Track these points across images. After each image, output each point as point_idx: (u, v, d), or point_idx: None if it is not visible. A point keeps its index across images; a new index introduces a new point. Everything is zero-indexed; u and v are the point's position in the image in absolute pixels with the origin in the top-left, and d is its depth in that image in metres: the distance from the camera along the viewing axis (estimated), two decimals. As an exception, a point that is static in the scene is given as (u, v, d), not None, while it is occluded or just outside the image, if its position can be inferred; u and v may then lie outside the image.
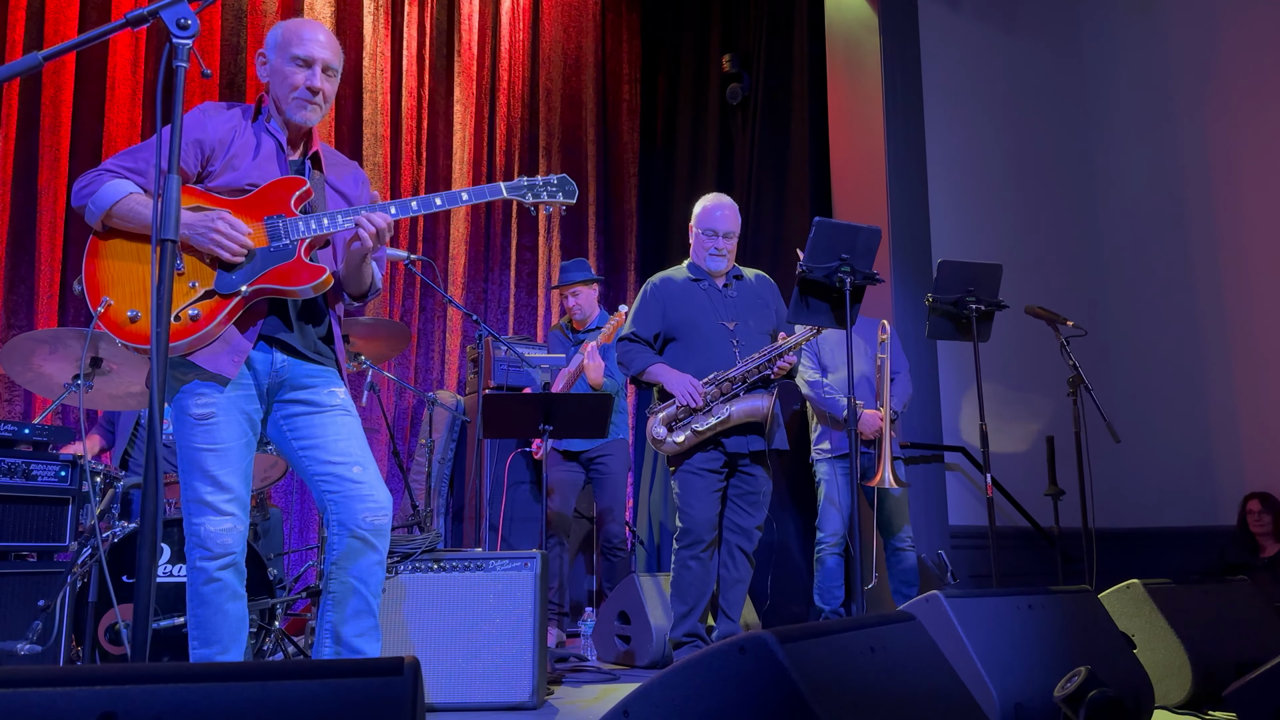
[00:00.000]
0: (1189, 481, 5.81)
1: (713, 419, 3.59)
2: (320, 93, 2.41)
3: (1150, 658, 2.79)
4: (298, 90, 2.39)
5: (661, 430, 3.66)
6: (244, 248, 2.27)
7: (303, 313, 2.43)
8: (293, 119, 2.42)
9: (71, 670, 1.04)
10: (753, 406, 3.61)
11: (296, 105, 2.40)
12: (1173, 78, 6.14)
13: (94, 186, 2.29)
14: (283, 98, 2.41)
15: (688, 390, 3.60)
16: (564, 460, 4.82)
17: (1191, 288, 5.94)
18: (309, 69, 2.39)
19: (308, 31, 2.43)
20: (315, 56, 2.40)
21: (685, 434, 3.61)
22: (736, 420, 3.61)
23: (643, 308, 3.85)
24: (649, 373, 3.73)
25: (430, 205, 2.42)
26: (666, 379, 3.67)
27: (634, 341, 3.80)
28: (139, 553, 1.66)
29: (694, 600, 3.64)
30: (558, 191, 2.52)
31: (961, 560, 5.11)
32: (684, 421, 3.63)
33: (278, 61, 2.41)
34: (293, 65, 2.39)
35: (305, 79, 2.39)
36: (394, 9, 6.32)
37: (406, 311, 6.10)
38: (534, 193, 2.51)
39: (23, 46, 4.91)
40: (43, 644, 2.87)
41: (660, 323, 3.80)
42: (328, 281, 2.35)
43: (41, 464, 3.11)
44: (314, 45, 2.40)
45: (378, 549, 2.37)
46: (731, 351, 3.72)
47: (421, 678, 1.09)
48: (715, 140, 6.86)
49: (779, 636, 1.30)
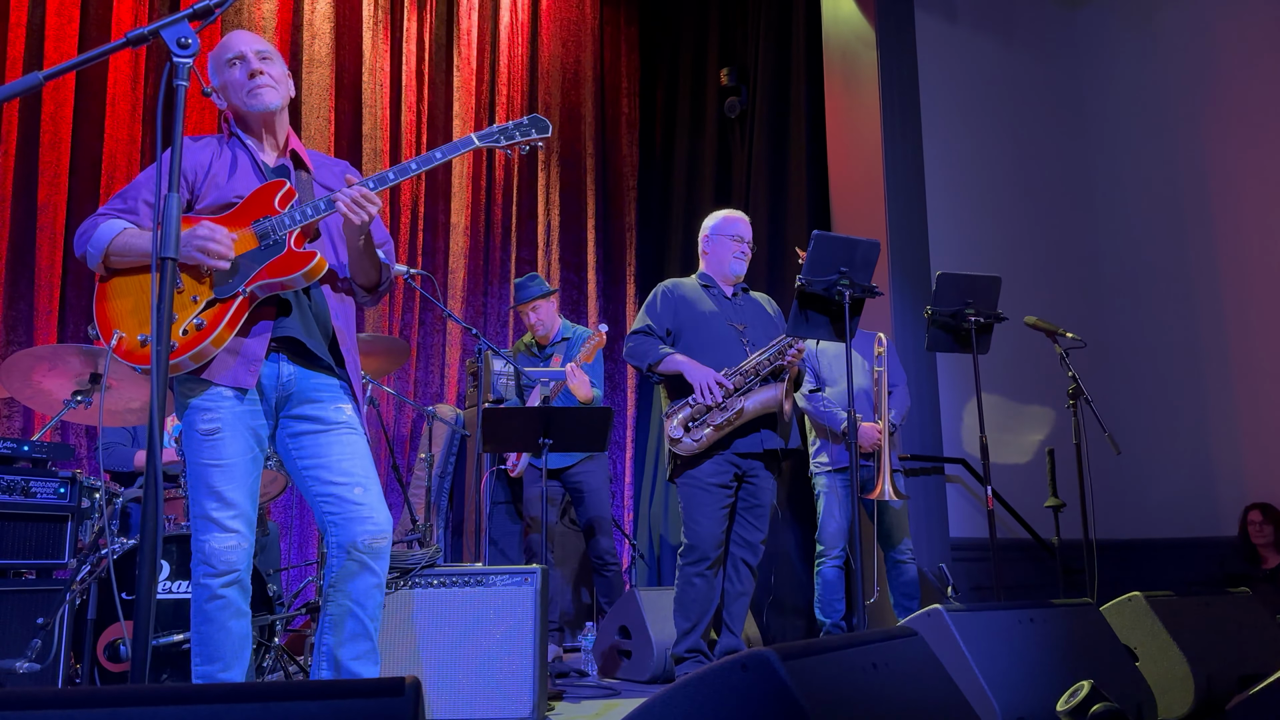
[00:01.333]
0: (1190, 493, 5.80)
1: (728, 413, 3.57)
2: (261, 74, 2.47)
3: (1153, 670, 2.78)
4: (244, 84, 2.47)
5: (679, 431, 3.62)
6: (223, 245, 2.29)
7: (311, 313, 2.45)
8: (254, 109, 2.48)
9: (71, 692, 1.03)
10: (766, 397, 3.60)
11: (251, 96, 2.47)
12: (1170, 89, 6.16)
13: (90, 231, 2.35)
14: (240, 101, 2.48)
15: (708, 383, 3.57)
16: (541, 476, 4.80)
17: (1191, 298, 5.95)
18: (243, 61, 2.47)
19: (228, 38, 2.53)
20: (242, 49, 2.48)
21: (705, 431, 3.59)
22: (751, 413, 3.59)
23: (653, 305, 3.86)
24: (667, 362, 3.68)
25: (406, 171, 2.46)
26: (687, 368, 3.63)
27: (647, 335, 3.78)
28: (139, 569, 1.65)
29: (697, 616, 3.62)
30: (530, 129, 2.56)
31: (962, 572, 5.10)
32: (701, 419, 3.61)
33: (221, 78, 2.50)
34: (230, 70, 2.48)
35: (243, 70, 2.47)
36: (393, 24, 6.34)
37: (406, 326, 6.10)
38: (506, 135, 2.55)
39: (23, 63, 4.92)
40: (41, 662, 2.86)
41: (672, 319, 3.80)
42: (321, 265, 2.37)
43: (40, 481, 3.11)
44: (237, 42, 2.49)
45: (376, 572, 2.37)
46: (743, 350, 3.74)
47: (423, 698, 1.09)
48: (713, 153, 6.88)
49: (781, 654, 1.30)
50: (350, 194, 2.36)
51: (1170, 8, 6.20)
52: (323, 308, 2.49)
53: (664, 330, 3.80)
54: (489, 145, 2.52)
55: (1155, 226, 6.17)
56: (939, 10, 6.08)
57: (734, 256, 3.88)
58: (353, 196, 2.36)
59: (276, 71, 2.50)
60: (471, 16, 6.70)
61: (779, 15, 6.45)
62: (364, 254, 2.50)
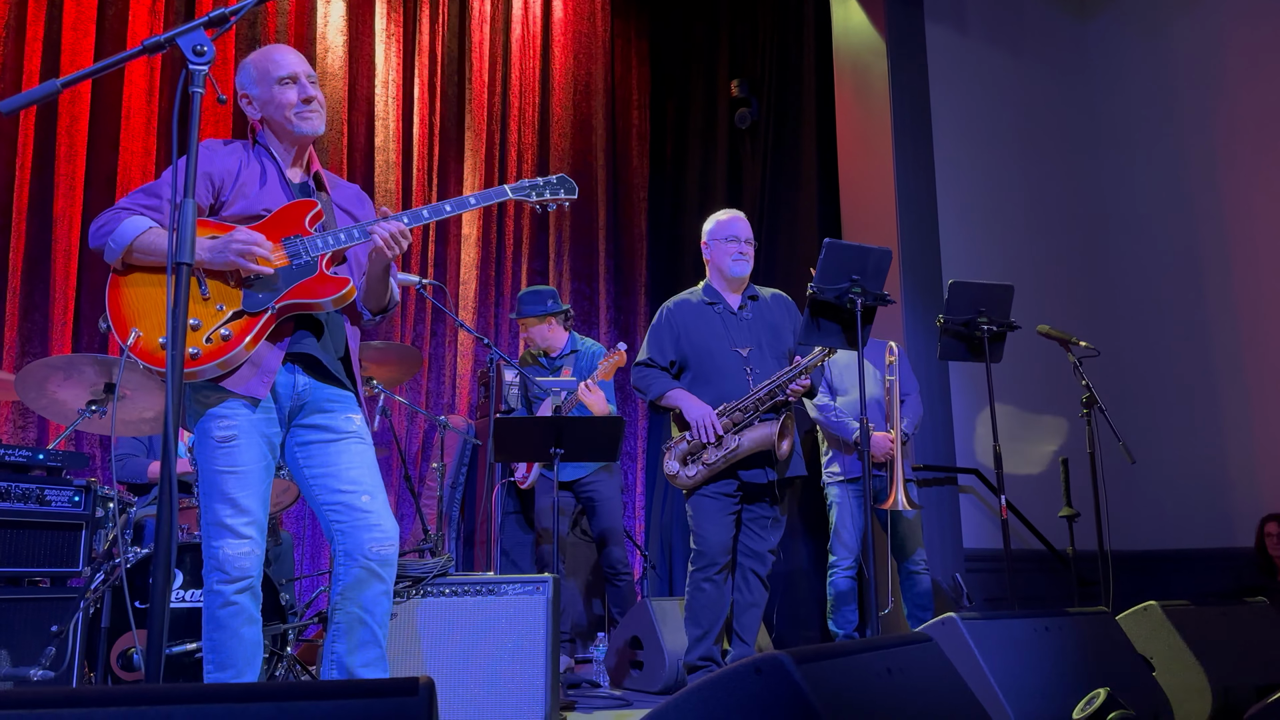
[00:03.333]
0: (1205, 503, 5.76)
1: (722, 451, 3.58)
2: (314, 100, 2.51)
3: (1169, 680, 2.76)
4: (295, 106, 2.49)
5: (675, 465, 3.66)
6: (264, 249, 2.31)
7: (329, 331, 2.48)
8: (301, 132, 2.51)
9: (88, 691, 1.04)
10: (761, 435, 3.58)
11: (301, 119, 2.50)
12: (1182, 99, 6.15)
13: (112, 225, 2.33)
14: (284, 119, 2.50)
15: (704, 423, 3.58)
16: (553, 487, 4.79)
17: (1204, 306, 5.92)
18: (296, 84, 2.49)
19: (278, 54, 2.53)
20: (297, 70, 2.50)
21: (697, 469, 3.61)
22: (746, 451, 3.58)
23: (656, 334, 3.85)
24: (668, 397, 3.72)
25: (440, 212, 2.52)
26: (686, 404, 3.65)
27: (650, 367, 3.80)
28: (153, 577, 1.66)
29: (708, 624, 3.61)
30: (559, 188, 2.65)
31: (976, 583, 5.07)
32: (696, 455, 3.62)
33: (264, 92, 2.50)
34: (281, 88, 2.49)
35: (298, 93, 2.49)
36: (406, 37, 6.38)
37: (418, 336, 6.12)
38: (537, 192, 2.63)
39: (39, 76, 4.97)
40: (56, 669, 2.87)
41: (675, 349, 3.80)
42: (351, 293, 2.40)
43: (55, 489, 3.12)
44: (291, 62, 2.51)
45: (384, 579, 2.38)
46: (745, 380, 3.71)
47: (436, 699, 1.08)
48: (724, 165, 6.89)
49: (795, 657, 1.29)
50: (389, 228, 2.41)
51: (1181, 18, 6.19)
52: (339, 327, 2.53)
53: (668, 361, 3.80)
54: (520, 198, 2.60)
55: (1168, 235, 6.14)
56: (949, 21, 6.09)
57: (732, 259, 3.84)
58: (390, 231, 2.40)
59: (320, 95, 2.55)
60: (484, 29, 6.74)
61: (789, 27, 6.47)
62: (380, 281, 2.56)
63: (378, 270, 2.52)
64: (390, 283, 2.61)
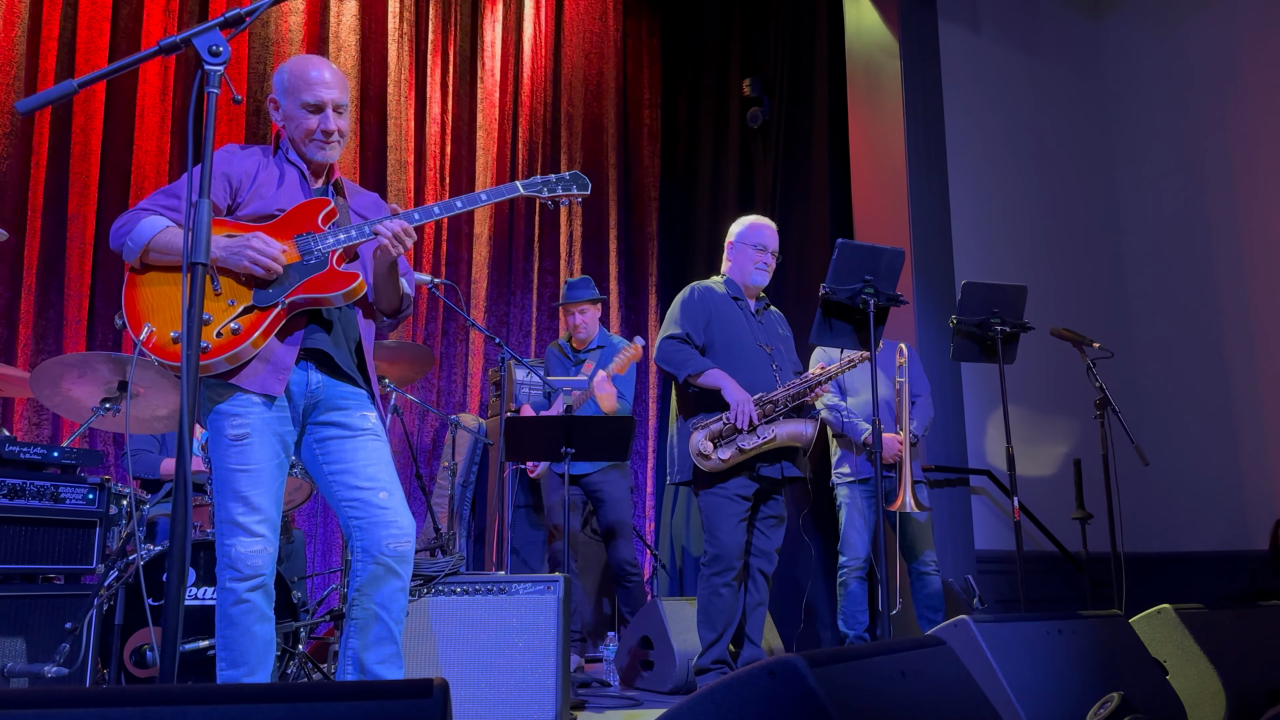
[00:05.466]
0: (1219, 505, 5.73)
1: (757, 439, 3.55)
2: (334, 132, 2.52)
3: (1183, 684, 2.74)
4: (314, 134, 2.51)
5: (708, 445, 3.59)
6: (277, 262, 2.33)
7: (341, 328, 2.50)
8: (314, 159, 2.55)
9: (103, 691, 1.04)
10: (797, 431, 3.58)
11: (315, 148, 2.53)
12: (1197, 97, 6.11)
13: (131, 225, 2.36)
14: (300, 140, 2.53)
15: (744, 409, 3.54)
16: (563, 483, 4.81)
17: (1218, 307, 5.88)
18: (320, 113, 2.51)
19: (313, 73, 2.51)
20: (324, 100, 2.50)
21: (731, 451, 3.57)
22: (780, 442, 3.57)
23: (689, 310, 3.79)
24: (708, 376, 3.63)
25: (452, 208, 2.53)
26: (727, 386, 3.58)
27: (685, 342, 3.72)
28: (167, 574, 1.66)
29: (722, 627, 3.62)
30: (571, 184, 2.65)
31: (988, 585, 5.05)
32: (729, 439, 3.60)
33: (289, 107, 2.52)
34: (303, 112, 2.50)
35: (319, 123, 2.51)
36: (418, 37, 6.39)
37: (429, 335, 6.13)
38: (549, 188, 2.63)
39: (54, 76, 4.99)
40: (69, 666, 2.88)
41: (704, 330, 3.76)
42: (361, 287, 2.41)
43: (69, 487, 3.13)
44: (320, 88, 2.50)
45: (401, 575, 2.39)
46: (772, 375, 3.72)
47: (450, 700, 1.09)
48: (736, 164, 6.88)
49: (809, 660, 1.29)
50: (393, 227, 2.42)
51: (1196, 16, 6.15)
52: (352, 325, 2.54)
53: (700, 339, 3.75)
54: (531, 194, 2.60)
55: (1182, 234, 6.11)
56: (962, 20, 6.07)
57: (755, 267, 3.84)
58: (394, 230, 2.42)
59: (345, 124, 2.56)
60: (495, 29, 6.74)
61: (802, 26, 6.45)
62: (388, 280, 2.56)
63: (382, 269, 2.54)
64: (401, 282, 2.62)
